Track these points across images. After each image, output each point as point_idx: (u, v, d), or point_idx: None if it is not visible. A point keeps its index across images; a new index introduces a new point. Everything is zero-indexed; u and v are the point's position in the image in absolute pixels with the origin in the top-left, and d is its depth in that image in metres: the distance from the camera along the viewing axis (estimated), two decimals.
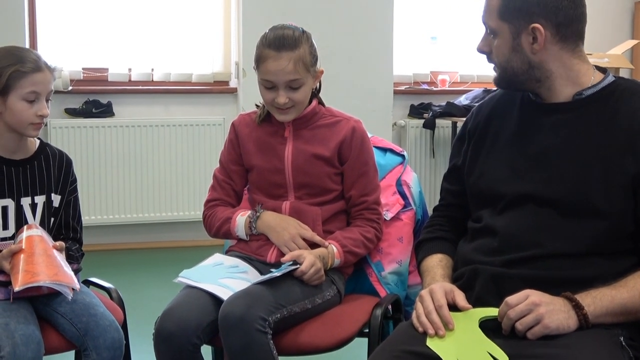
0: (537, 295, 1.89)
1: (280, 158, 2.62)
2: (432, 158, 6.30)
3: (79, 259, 2.65)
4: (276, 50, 2.50)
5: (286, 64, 2.49)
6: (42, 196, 2.59)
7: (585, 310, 1.88)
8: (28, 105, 2.48)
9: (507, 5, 2.04)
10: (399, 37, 6.20)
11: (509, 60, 2.08)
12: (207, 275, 2.47)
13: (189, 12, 5.88)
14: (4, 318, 2.31)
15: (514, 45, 2.06)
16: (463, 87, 6.40)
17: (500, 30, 2.07)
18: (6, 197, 2.54)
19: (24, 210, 2.56)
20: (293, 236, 2.54)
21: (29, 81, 2.47)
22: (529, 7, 2.03)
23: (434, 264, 2.24)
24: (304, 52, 2.52)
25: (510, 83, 2.13)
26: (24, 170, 2.58)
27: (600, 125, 2.03)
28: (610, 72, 2.13)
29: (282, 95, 2.53)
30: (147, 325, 2.55)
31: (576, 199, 1.99)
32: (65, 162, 2.68)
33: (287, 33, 2.53)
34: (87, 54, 5.71)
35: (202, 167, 5.78)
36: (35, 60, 2.49)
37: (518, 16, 2.03)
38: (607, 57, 5.83)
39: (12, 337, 2.26)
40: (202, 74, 5.91)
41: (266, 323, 2.23)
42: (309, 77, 2.55)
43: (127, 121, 5.66)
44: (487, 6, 2.10)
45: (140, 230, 5.81)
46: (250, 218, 2.60)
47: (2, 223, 2.53)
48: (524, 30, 2.04)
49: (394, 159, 2.85)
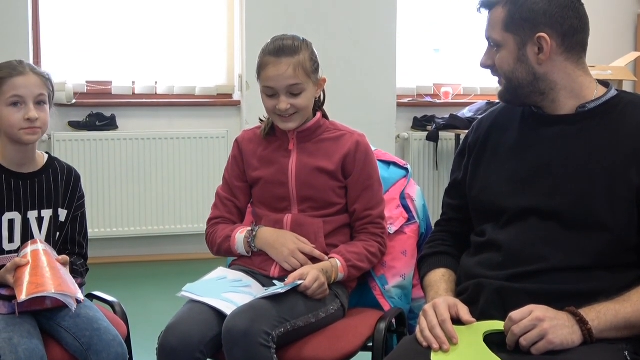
0: (541, 310, 1.88)
1: (284, 171, 2.62)
2: (436, 170, 6.29)
3: (83, 274, 2.65)
4: (276, 56, 2.53)
5: (286, 69, 2.51)
6: (49, 210, 2.60)
7: (590, 325, 1.87)
8: (14, 109, 2.48)
9: (513, 16, 2.05)
10: (402, 49, 6.21)
11: (514, 71, 2.08)
12: (210, 290, 2.47)
13: (193, 25, 5.89)
14: (7, 332, 2.31)
15: (519, 56, 2.07)
16: (466, 100, 6.39)
17: (505, 41, 2.08)
18: (13, 210, 2.54)
19: (30, 224, 2.56)
20: (292, 251, 2.54)
21: (9, 85, 2.48)
22: (535, 17, 2.03)
23: (437, 278, 2.24)
24: (304, 58, 2.54)
25: (515, 96, 2.13)
26: (32, 183, 2.58)
27: (604, 138, 2.03)
28: (612, 85, 2.13)
29: (284, 101, 2.54)
30: (150, 339, 2.54)
31: (580, 212, 1.99)
32: (73, 177, 2.68)
33: (287, 41, 2.56)
34: (91, 67, 5.72)
35: (205, 180, 5.78)
36: (15, 66, 2.50)
37: (524, 26, 2.04)
38: (611, 70, 5.82)
39: (16, 351, 2.26)
40: (206, 86, 5.91)
41: (270, 337, 2.22)
42: (309, 83, 2.56)
43: (130, 134, 5.66)
44: (490, 20, 2.11)
45: (143, 243, 5.80)
46: (247, 238, 2.61)
47: (8, 236, 2.53)
48: (529, 41, 2.05)
49: (398, 172, 2.85)
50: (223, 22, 5.93)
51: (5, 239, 2.53)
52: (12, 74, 2.48)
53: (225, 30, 5.94)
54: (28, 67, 2.52)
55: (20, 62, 2.53)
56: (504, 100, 2.20)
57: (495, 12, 2.09)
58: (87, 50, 5.71)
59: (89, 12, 5.71)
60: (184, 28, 5.88)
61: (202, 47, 5.92)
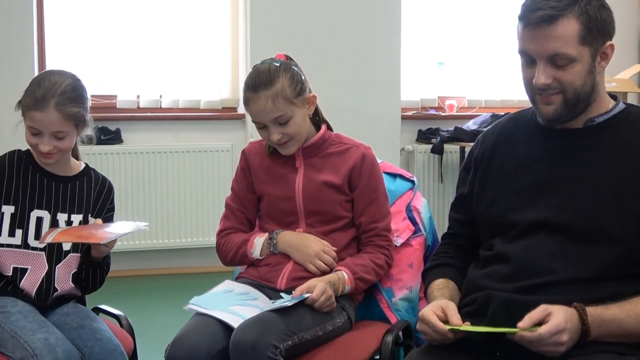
0: (566, 333, 1.86)
1: (291, 186, 2.62)
2: (441, 183, 6.29)
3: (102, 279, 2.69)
4: (254, 91, 2.51)
5: (265, 103, 2.49)
6: (79, 215, 2.62)
7: (590, 338, 1.89)
8: (32, 136, 2.51)
9: (590, 28, 1.98)
10: (407, 62, 6.21)
11: (584, 84, 2.01)
12: (217, 303, 2.46)
13: (197, 39, 5.91)
14: (42, 333, 2.33)
15: (590, 67, 2.01)
16: (471, 112, 6.39)
17: (581, 55, 1.99)
18: (43, 208, 2.57)
19: (59, 225, 2.58)
20: (317, 253, 2.54)
21: (29, 116, 2.49)
22: (605, 27, 2.01)
23: (432, 289, 2.24)
24: (282, 86, 2.50)
25: (573, 111, 2.05)
26: (64, 187, 2.62)
27: (612, 152, 2.03)
28: (620, 98, 2.13)
29: (274, 132, 2.54)
30: (157, 352, 2.54)
31: (590, 226, 1.99)
32: (107, 187, 2.73)
33: (263, 70, 2.52)
34: (96, 81, 5.71)
35: (210, 194, 5.79)
36: (41, 98, 2.45)
37: (598, 37, 2.00)
38: (615, 82, 5.82)
39: (54, 352, 2.28)
40: (210, 100, 5.92)
41: (278, 350, 2.22)
42: (294, 109, 2.53)
43: (135, 148, 5.67)
44: (559, 36, 1.97)
45: (149, 256, 5.80)
46: (267, 240, 2.60)
47: (34, 232, 2.55)
48: (599, 50, 2.02)
49: (404, 184, 2.85)
50: (227, 35, 5.94)
51: (32, 235, 2.55)
52: (32, 107, 2.46)
53: (230, 44, 5.95)
54: (53, 103, 2.45)
55: (48, 95, 2.45)
56: (556, 118, 2.07)
57: (563, 26, 1.96)
58: (91, 64, 5.72)
59: (94, 26, 5.73)
60: (189, 42, 5.89)
61: (207, 60, 5.93)
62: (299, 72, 2.57)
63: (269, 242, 2.60)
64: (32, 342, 2.29)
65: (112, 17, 5.76)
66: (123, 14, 5.78)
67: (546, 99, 2.04)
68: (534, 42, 2.00)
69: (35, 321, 2.38)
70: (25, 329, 2.34)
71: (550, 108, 2.05)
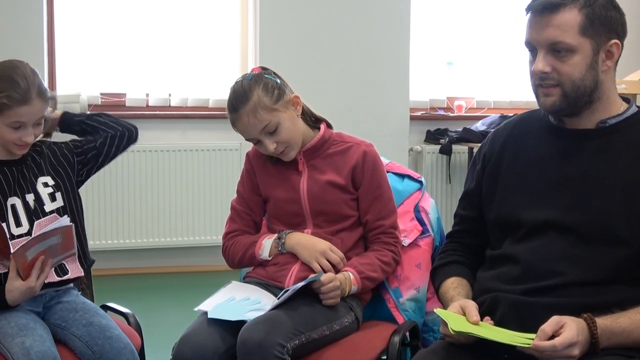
0: (579, 346, 1.85)
1: (296, 188, 2.63)
2: (449, 184, 6.28)
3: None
4: (234, 111, 2.55)
5: (247, 120, 2.53)
6: (40, 186, 2.61)
7: (598, 349, 1.88)
8: (13, 130, 2.51)
9: (593, 20, 1.99)
10: (415, 62, 6.21)
11: (584, 78, 2.02)
12: (236, 310, 2.44)
13: (206, 37, 5.92)
14: (20, 337, 2.33)
15: (591, 62, 2.02)
16: (479, 113, 6.38)
17: (580, 46, 2.00)
18: (11, 196, 2.56)
19: (30, 205, 2.58)
20: (324, 251, 2.54)
21: (14, 113, 2.48)
22: (610, 23, 2.01)
23: (447, 288, 2.24)
24: (258, 97, 2.52)
25: (573, 105, 2.05)
26: (18, 169, 2.60)
27: (625, 154, 2.03)
28: (633, 101, 2.12)
29: (268, 144, 2.55)
30: (164, 350, 2.54)
31: (599, 227, 1.99)
32: (55, 145, 2.73)
33: (237, 89, 2.56)
34: (105, 79, 5.74)
35: (219, 192, 5.79)
36: (25, 91, 2.47)
37: (601, 32, 2.01)
38: (624, 84, 5.80)
39: (28, 354, 2.28)
40: (219, 99, 5.91)
41: (285, 349, 2.22)
42: (278, 114, 2.54)
43: (144, 146, 5.66)
44: (558, 23, 2.00)
45: (157, 254, 5.80)
46: (278, 236, 2.61)
47: (14, 221, 2.55)
48: (602, 47, 2.02)
49: (412, 185, 2.85)
50: (236, 34, 5.95)
51: (13, 225, 2.54)
52: (20, 102, 2.47)
53: (239, 43, 5.95)
54: (35, 92, 2.49)
55: (30, 85, 2.49)
56: (554, 110, 2.08)
57: (564, 15, 1.99)
58: (101, 62, 5.74)
59: (103, 25, 5.74)
60: (198, 40, 5.90)
61: (216, 59, 5.93)
62: (273, 78, 2.58)
63: (277, 242, 2.61)
64: (10, 348, 2.32)
65: (121, 16, 5.77)
66: (132, 12, 5.79)
67: (546, 90, 2.06)
68: (536, 30, 2.04)
69: (16, 325, 2.39)
70: (7, 335, 2.36)
71: (549, 100, 2.06)
